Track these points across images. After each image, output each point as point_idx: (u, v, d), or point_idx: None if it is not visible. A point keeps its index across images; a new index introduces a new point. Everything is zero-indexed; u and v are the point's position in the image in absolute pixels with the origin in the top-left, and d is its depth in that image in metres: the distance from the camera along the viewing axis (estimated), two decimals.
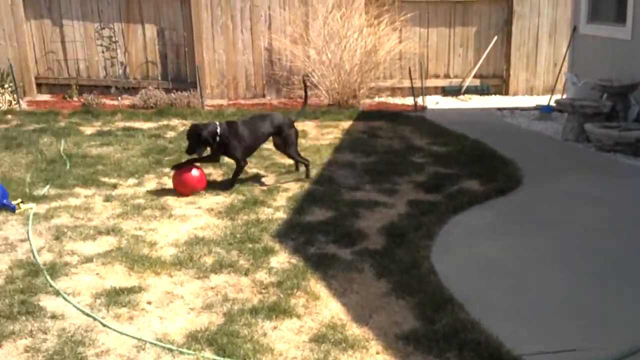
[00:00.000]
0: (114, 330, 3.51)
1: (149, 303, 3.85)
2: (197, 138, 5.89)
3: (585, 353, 3.36)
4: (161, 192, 5.97)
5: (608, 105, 8.04)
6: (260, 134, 6.29)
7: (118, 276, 4.18)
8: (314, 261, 4.46)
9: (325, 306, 3.88)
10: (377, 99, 11.18)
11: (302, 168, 6.56)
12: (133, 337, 3.45)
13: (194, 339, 3.44)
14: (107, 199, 5.71)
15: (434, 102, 11.12)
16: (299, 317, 3.74)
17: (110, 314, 3.69)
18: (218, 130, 5.93)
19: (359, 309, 3.87)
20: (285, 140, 6.39)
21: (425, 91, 10.86)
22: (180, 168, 5.93)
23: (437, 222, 5.20)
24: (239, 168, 6.14)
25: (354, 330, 3.61)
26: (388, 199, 5.84)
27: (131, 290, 3.96)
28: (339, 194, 5.97)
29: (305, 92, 6.78)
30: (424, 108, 10.41)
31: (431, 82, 11.64)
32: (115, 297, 3.87)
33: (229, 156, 6.20)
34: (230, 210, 5.44)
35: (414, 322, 3.70)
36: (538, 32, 11.80)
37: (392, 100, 11.36)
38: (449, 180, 6.38)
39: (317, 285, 4.13)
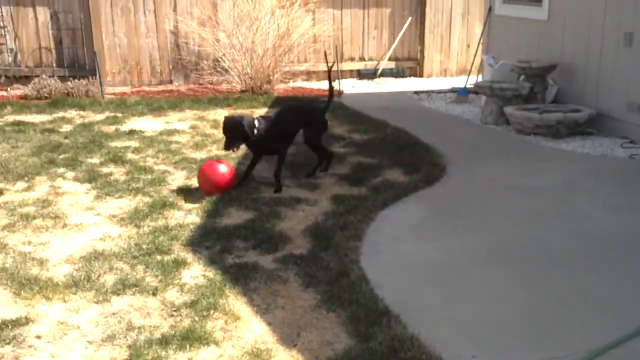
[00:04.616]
0: None
1: (39, 337, 3.24)
2: (235, 131, 5.41)
3: None
4: (54, 197, 5.27)
5: (527, 87, 7.91)
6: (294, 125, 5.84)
7: (1, 305, 3.53)
8: (233, 273, 3.97)
9: (247, 328, 3.42)
10: (292, 84, 10.71)
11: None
12: None
13: None
14: None
15: (351, 86, 10.79)
16: (217, 344, 3.25)
17: None
18: (256, 123, 5.51)
19: (285, 327, 3.43)
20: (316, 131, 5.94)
21: (341, 74, 10.49)
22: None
23: (364, 220, 4.82)
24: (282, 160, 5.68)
25: (281, 355, 3.17)
26: (310, 195, 5.41)
27: (17, 323, 3.33)
28: (257, 191, 5.48)
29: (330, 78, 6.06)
30: (340, 92, 10.04)
31: (347, 65, 11.29)
32: None
33: (269, 151, 5.74)
34: (135, 216, 4.82)
35: (347, 340, 3.31)
36: (451, 13, 11.65)
37: (307, 84, 10.93)
38: (373, 171, 6.03)
39: (237, 303, 3.65)
